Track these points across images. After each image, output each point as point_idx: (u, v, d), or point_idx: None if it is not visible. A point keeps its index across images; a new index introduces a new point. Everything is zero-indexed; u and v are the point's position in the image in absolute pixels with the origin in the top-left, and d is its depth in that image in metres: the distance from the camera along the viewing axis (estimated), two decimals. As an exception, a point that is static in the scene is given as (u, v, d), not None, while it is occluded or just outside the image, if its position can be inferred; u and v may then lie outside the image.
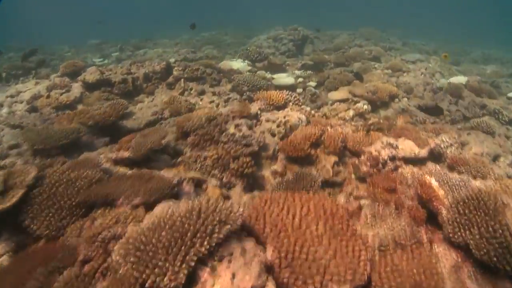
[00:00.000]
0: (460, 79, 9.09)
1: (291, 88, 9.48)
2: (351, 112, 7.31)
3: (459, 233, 2.90)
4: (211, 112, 5.76)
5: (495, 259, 2.64)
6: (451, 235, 2.95)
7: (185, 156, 4.84)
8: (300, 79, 9.83)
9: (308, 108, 7.43)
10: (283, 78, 9.71)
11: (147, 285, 2.20)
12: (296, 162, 4.80)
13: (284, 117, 6.00)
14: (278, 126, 5.69)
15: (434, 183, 3.47)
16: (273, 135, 5.60)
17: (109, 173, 4.18)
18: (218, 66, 9.93)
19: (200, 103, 7.82)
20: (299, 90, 9.34)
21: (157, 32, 26.11)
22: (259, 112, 6.23)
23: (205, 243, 2.39)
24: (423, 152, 4.78)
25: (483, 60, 18.39)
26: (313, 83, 9.56)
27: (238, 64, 10.76)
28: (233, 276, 2.34)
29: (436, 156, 5.24)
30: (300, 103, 6.99)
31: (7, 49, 17.97)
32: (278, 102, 6.31)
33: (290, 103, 6.73)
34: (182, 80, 8.02)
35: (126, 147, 4.28)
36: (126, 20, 41.90)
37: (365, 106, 7.69)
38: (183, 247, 2.36)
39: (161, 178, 3.70)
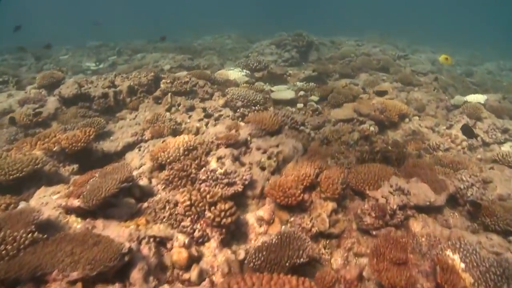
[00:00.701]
0: (478, 98, 8.16)
1: (291, 102, 8.65)
2: (355, 135, 6.44)
3: None
4: (191, 141, 4.95)
5: None
6: None
7: (153, 200, 4.04)
8: (301, 93, 8.98)
9: (308, 130, 6.60)
10: (283, 92, 8.87)
11: None
12: (286, 208, 3.97)
13: (278, 146, 5.17)
14: (269, 157, 4.86)
15: (459, 263, 2.62)
16: (263, 168, 4.77)
17: (55, 227, 3.41)
18: (213, 76, 9.13)
19: (188, 121, 7.02)
20: (300, 105, 8.50)
21: (166, 34, 25.46)
22: (249, 138, 5.41)
23: None
24: (440, 200, 3.92)
25: (498, 70, 17.33)
26: (315, 98, 8.71)
27: (235, 74, 9.95)
28: None
29: (454, 198, 4.38)
30: (298, 126, 6.13)
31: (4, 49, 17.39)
32: (271, 127, 5.47)
33: (286, 127, 5.89)
34: (169, 94, 7.23)
35: (77, 193, 3.49)
36: (138, 20, 41.32)
37: (372, 128, 6.82)
38: None
39: (110, 243, 2.90)
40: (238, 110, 7.36)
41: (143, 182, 4.61)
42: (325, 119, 8.01)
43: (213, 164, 4.61)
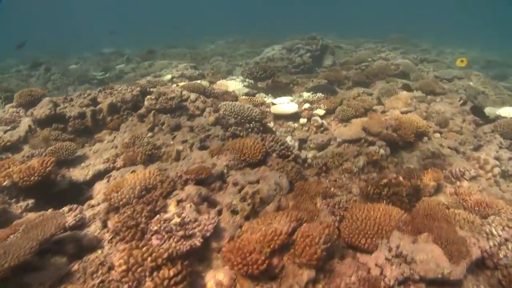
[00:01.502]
0: (513, 112, 6.86)
1: (294, 117, 7.69)
2: (361, 161, 5.40)
3: None
4: (151, 178, 4.13)
5: None
6: None
7: (89, 259, 3.26)
8: (306, 105, 7.99)
9: (304, 155, 5.63)
10: (285, 105, 7.92)
11: None
12: (249, 276, 3.07)
13: (258, 181, 4.26)
14: (243, 199, 3.96)
15: None
16: (235, 212, 3.89)
17: None
18: (209, 88, 8.34)
19: (171, 142, 6.24)
20: (303, 120, 7.52)
21: (183, 38, 25.12)
22: (225, 170, 4.54)
23: None
24: (458, 272, 2.87)
25: (537, 72, 15.41)
26: (321, 111, 7.69)
27: (235, 84, 9.12)
28: None
29: (480, 260, 3.29)
30: (289, 152, 5.16)
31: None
32: (253, 157, 4.57)
33: (274, 155, 4.95)
34: (152, 112, 6.49)
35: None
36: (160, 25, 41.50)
37: (381, 151, 5.75)
38: None
39: None
40: (229, 129, 6.52)
41: (94, 227, 3.87)
42: (331, 137, 7.02)
43: (171, 208, 3.78)
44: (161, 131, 6.46)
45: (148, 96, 6.82)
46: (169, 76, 11.05)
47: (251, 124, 6.78)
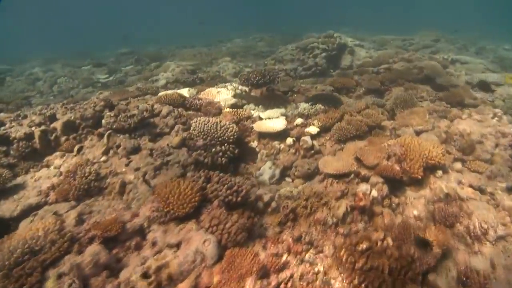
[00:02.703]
0: None
1: (281, 136, 6.41)
2: (341, 208, 4.05)
3: None
4: (41, 235, 3.13)
5: None
6: None
7: None
8: (299, 121, 6.66)
9: (268, 196, 4.36)
10: (272, 120, 6.65)
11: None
12: None
13: (178, 245, 3.12)
14: (145, 275, 2.85)
15: None
16: (132, 298, 2.79)
17: None
18: (190, 99, 7.26)
19: (123, 170, 5.25)
20: (290, 140, 6.22)
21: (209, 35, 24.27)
22: (145, 224, 3.44)
23: None
24: None
25: None
26: (313, 129, 6.34)
27: (225, 93, 7.96)
28: None
29: None
30: (239, 198, 3.89)
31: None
32: (180, 208, 3.40)
33: (216, 202, 3.73)
34: (107, 133, 5.53)
35: None
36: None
37: (374, 193, 4.34)
38: None
39: None
40: (192, 155, 5.41)
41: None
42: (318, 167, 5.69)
43: (49, 285, 2.76)
44: (116, 155, 5.51)
45: (107, 113, 5.88)
46: (163, 82, 10.13)
47: (223, 147, 5.62)
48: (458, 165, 5.25)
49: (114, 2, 53.59)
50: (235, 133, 5.85)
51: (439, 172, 4.87)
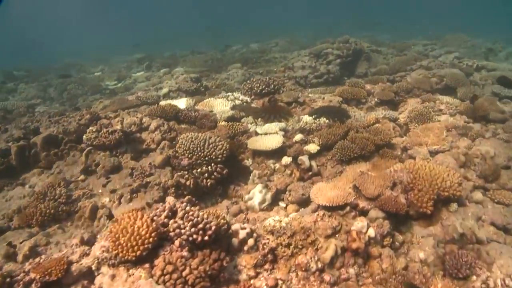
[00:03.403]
0: None
1: (277, 154, 5.81)
2: (330, 251, 3.40)
3: None
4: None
5: None
6: None
7: None
8: (298, 137, 6.02)
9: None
10: (267, 137, 6.05)
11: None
12: None
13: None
14: None
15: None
16: None
17: None
18: (185, 111, 6.79)
19: (100, 191, 4.83)
20: (286, 160, 5.60)
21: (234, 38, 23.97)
22: (94, 266, 2.94)
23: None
24: None
25: None
26: (313, 147, 5.69)
27: (223, 104, 7.44)
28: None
29: None
30: (205, 237, 3.26)
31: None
32: (130, 251, 2.87)
33: (177, 242, 3.15)
34: (86, 151, 5.13)
35: None
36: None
37: (371, 232, 3.65)
38: None
39: None
40: (174, 176, 4.91)
41: None
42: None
43: None
44: (94, 174, 5.10)
45: (90, 128, 5.49)
46: (165, 90, 9.75)
47: (209, 167, 5.08)
48: (478, 195, 4.45)
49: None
50: (225, 152, 5.30)
51: (454, 206, 4.10)
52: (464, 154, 5.15)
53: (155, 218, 3.30)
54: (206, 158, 5.15)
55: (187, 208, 3.40)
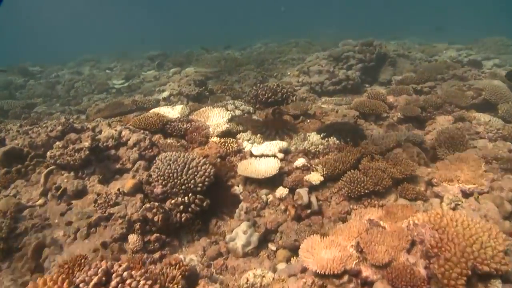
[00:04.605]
0: None
1: (272, 182, 4.82)
2: None
3: None
4: None
5: None
6: None
7: None
8: (300, 161, 5.01)
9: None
10: (262, 161, 5.06)
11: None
12: None
13: None
14: None
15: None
16: None
17: None
18: (175, 123, 5.93)
19: (56, 221, 4.05)
20: (282, 192, 4.60)
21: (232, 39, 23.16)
22: None
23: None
24: None
25: None
26: (316, 176, 4.67)
27: (219, 115, 6.51)
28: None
29: None
30: None
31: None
32: None
33: None
34: (46, 171, 4.36)
35: None
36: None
37: (376, 321, 2.62)
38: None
39: None
40: (140, 209, 4.04)
41: None
42: (317, 229, 4.07)
43: None
44: (54, 199, 4.33)
45: (56, 143, 4.72)
46: (167, 93, 8.95)
47: (187, 198, 4.19)
48: (528, 265, 3.28)
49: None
50: (207, 179, 4.39)
51: (497, 284, 2.97)
52: (510, 200, 3.96)
53: (81, 286, 2.45)
54: (183, 187, 4.26)
55: (124, 275, 2.50)
